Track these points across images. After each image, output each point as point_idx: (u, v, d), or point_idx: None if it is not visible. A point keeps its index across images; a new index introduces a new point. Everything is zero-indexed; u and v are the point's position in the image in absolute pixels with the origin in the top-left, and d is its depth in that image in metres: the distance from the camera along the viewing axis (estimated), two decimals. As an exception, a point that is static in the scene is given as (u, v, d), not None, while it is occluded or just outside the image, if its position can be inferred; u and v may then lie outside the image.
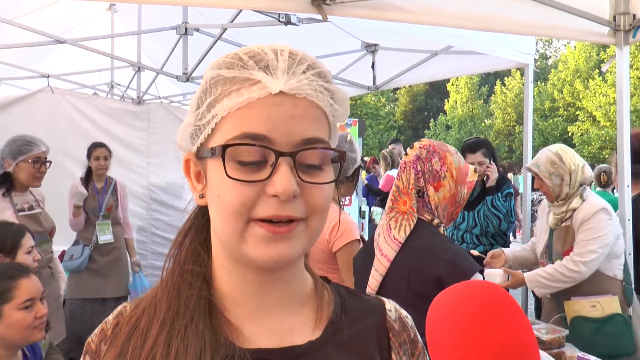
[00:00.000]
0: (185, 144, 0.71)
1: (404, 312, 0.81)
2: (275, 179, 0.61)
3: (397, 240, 1.78)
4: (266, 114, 0.62)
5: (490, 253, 2.94)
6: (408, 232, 1.77)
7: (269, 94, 0.62)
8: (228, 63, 0.65)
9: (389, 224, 1.83)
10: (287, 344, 0.69)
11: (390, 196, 1.90)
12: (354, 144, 2.41)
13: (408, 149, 1.92)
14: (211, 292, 0.70)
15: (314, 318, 0.73)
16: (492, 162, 3.50)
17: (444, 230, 1.84)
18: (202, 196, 0.69)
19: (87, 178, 4.12)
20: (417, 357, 0.78)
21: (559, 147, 2.71)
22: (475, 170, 1.91)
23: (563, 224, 2.66)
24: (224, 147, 0.62)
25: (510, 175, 14.02)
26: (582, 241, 2.52)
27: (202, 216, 0.73)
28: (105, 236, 4.05)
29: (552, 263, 2.64)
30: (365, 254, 1.98)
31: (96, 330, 0.73)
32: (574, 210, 2.60)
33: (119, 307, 0.75)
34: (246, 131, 0.62)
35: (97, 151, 4.12)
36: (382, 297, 0.81)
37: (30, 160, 3.14)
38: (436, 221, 1.81)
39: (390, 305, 0.80)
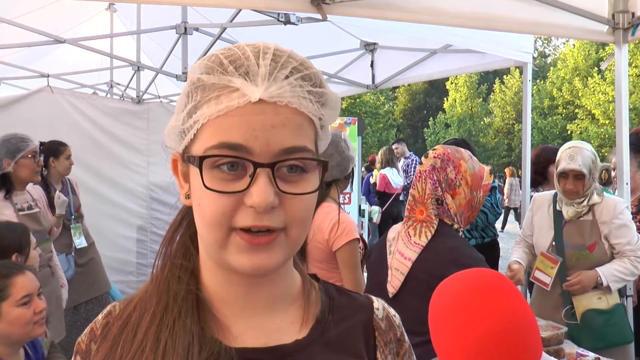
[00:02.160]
0: (173, 143, 0.70)
1: (392, 311, 0.81)
2: (253, 190, 0.60)
3: (418, 244, 1.81)
4: (245, 124, 0.60)
5: (508, 270, 2.76)
6: (430, 236, 1.80)
7: (249, 102, 0.60)
8: (209, 67, 0.63)
9: (408, 232, 1.85)
10: (274, 343, 0.69)
11: (407, 206, 1.92)
12: (349, 142, 2.41)
13: (422, 158, 1.93)
14: (199, 288, 0.70)
15: (301, 317, 0.72)
16: None
17: (461, 233, 1.87)
18: (188, 196, 0.69)
19: (44, 181, 3.52)
20: (402, 357, 0.78)
21: (588, 145, 2.70)
22: (490, 172, 1.92)
23: (581, 218, 2.65)
24: (201, 159, 0.61)
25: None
26: (625, 237, 2.55)
27: (192, 211, 0.72)
28: (79, 240, 3.78)
29: (563, 257, 2.63)
30: (379, 253, 2.00)
31: (86, 330, 0.74)
32: (593, 205, 2.60)
33: (109, 307, 0.75)
34: (224, 140, 0.60)
35: (69, 149, 3.74)
36: (371, 296, 0.81)
37: (29, 156, 3.13)
38: (456, 226, 1.85)
39: (378, 304, 0.79)
